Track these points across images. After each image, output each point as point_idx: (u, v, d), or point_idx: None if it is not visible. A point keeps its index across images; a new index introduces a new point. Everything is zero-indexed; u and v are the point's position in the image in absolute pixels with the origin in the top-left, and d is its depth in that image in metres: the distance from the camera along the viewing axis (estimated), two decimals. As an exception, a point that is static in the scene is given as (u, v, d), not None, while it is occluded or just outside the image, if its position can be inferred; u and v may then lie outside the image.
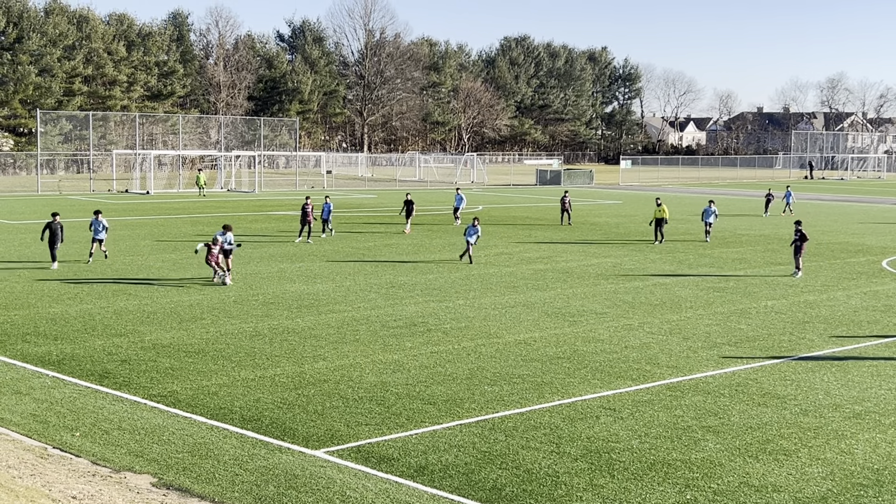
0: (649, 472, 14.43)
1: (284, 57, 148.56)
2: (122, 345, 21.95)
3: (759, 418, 17.18)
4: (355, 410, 17.19)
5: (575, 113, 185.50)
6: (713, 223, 45.81)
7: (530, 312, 26.74)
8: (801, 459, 15.07)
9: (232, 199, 70.50)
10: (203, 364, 20.35)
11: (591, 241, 44.66)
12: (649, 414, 17.31)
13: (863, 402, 18.39)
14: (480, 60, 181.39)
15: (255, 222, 51.51)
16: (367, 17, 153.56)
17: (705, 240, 45.21)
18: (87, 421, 16.37)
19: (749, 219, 59.05)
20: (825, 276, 34.81)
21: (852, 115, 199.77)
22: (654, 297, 29.50)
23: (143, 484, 13.54)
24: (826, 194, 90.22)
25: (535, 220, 55.14)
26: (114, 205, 62.80)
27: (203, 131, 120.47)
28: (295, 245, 40.75)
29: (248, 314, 25.77)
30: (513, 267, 35.57)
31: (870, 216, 63.98)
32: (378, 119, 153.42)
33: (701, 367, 20.90)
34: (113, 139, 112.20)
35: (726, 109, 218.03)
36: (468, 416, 16.96)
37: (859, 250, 43.04)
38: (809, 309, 28.08)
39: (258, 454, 14.88)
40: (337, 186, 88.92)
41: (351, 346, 22.26)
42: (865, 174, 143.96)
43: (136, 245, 40.36)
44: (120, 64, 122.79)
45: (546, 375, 19.89)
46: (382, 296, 28.92)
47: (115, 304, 26.93)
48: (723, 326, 25.30)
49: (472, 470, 14.38)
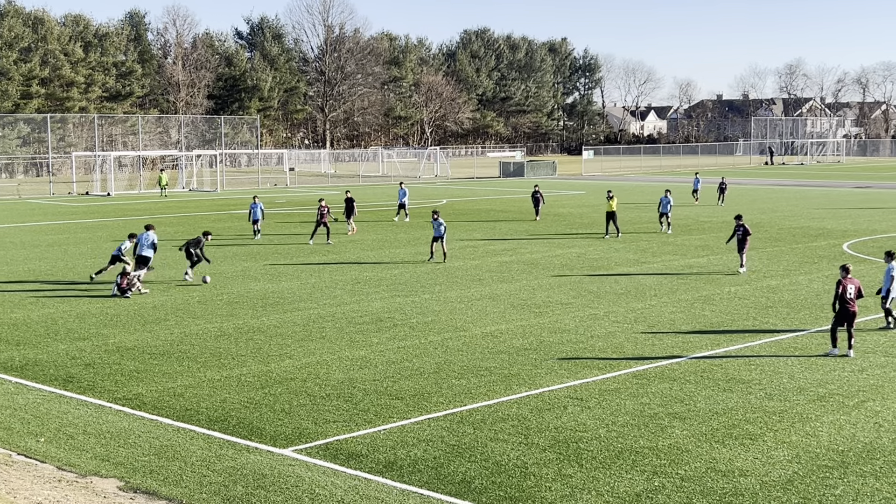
0: (617, 460, 14.50)
1: (243, 54, 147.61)
2: (86, 348, 21.76)
3: (724, 403, 17.32)
4: (323, 408, 17.15)
5: (536, 104, 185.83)
6: (670, 213, 45.17)
7: (496, 305, 26.79)
8: (767, 443, 15.20)
9: (194, 199, 70.05)
10: (168, 366, 20.22)
11: (556, 233, 44.77)
12: (616, 402, 17.40)
13: (826, 384, 18.58)
14: (441, 54, 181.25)
15: (217, 221, 51.21)
16: (326, 13, 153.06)
17: (666, 231, 44.37)
18: (51, 426, 16.22)
19: (711, 207, 59.45)
20: (787, 260, 35.12)
21: (811, 100, 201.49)
22: (618, 287, 29.63)
23: (109, 488, 13.43)
24: (786, 179, 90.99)
25: (500, 213, 55.21)
26: (74, 207, 62.23)
27: (163, 131, 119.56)
28: (310, 246, 39.87)
29: (212, 314, 25.62)
30: (478, 260, 35.60)
31: (830, 200, 64.62)
32: (340, 115, 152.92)
33: (666, 354, 21.02)
34: (72, 141, 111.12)
35: (686, 98, 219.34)
36: (436, 410, 16.97)
37: (820, 234, 43.46)
38: (772, 294, 28.32)
39: (226, 455, 14.80)
40: (300, 183, 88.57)
41: (317, 343, 22.20)
42: (825, 158, 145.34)
43: (98, 248, 40.00)
44: (77, 65, 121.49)
45: (513, 367, 19.93)
46: (348, 292, 28.85)
47: (78, 307, 26.69)
48: (687, 313, 25.47)
49: (440, 464, 14.39)
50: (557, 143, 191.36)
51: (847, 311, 20.85)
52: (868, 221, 49.26)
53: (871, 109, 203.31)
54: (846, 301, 20.81)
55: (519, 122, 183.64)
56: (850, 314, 20.87)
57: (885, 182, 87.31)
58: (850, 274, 21.18)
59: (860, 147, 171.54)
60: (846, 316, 20.89)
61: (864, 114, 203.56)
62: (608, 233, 43.11)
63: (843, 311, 20.86)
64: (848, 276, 21.08)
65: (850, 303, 20.82)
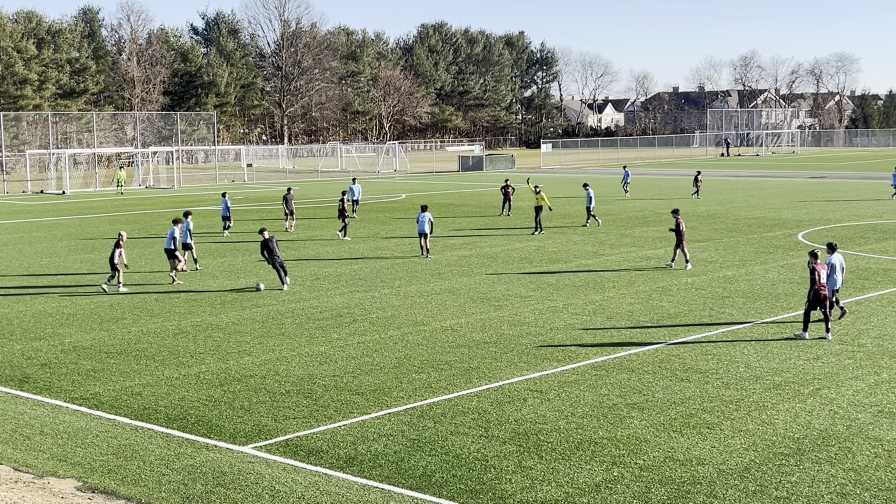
0: (577, 451, 14.59)
1: (199, 50, 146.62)
2: (42, 348, 21.54)
3: (682, 393, 17.47)
4: (282, 404, 17.10)
5: (495, 98, 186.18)
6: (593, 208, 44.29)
7: (456, 299, 26.82)
8: (724, 432, 15.36)
9: (150, 197, 69.49)
10: (126, 364, 20.06)
11: (515, 226, 44.88)
12: (575, 394, 17.49)
13: (782, 373, 18.80)
14: (398, 48, 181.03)
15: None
16: (282, 8, 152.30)
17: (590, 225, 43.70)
18: (7, 427, 16.05)
19: (668, 199, 59.85)
20: (743, 251, 35.45)
21: (765, 91, 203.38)
22: (577, 279, 29.77)
23: (67, 489, 13.32)
24: (742, 171, 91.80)
25: (459, 207, 55.25)
26: (29, 206, 61.50)
27: (119, 128, 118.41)
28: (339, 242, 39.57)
29: (170, 312, 25.45)
30: (437, 254, 35.62)
31: (785, 191, 65.29)
32: (297, 110, 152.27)
33: (625, 345, 21.17)
34: (26, 139, 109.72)
35: (643, 90, 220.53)
36: (396, 405, 16.97)
37: (776, 224, 43.91)
38: (728, 284, 28.59)
39: (185, 453, 14.72)
40: (258, 179, 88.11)
41: (276, 339, 22.12)
42: (780, 149, 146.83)
43: (53, 246, 39.59)
44: (30, 62, 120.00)
45: (473, 361, 19.98)
46: (307, 288, 28.77)
47: (34, 307, 26.40)
48: (645, 304, 25.65)
49: (401, 458, 14.40)
50: (516, 136, 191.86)
51: (820, 295, 21.36)
52: (822, 211, 49.84)
53: (824, 100, 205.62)
54: (822, 285, 21.35)
55: (477, 116, 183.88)
56: (822, 297, 21.40)
57: (840, 172, 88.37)
58: (819, 259, 21.66)
59: (814, 138, 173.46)
60: (819, 300, 21.40)
61: (818, 105, 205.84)
62: (537, 228, 41.36)
63: (817, 294, 21.35)
64: (817, 261, 21.58)
65: (822, 287, 21.35)
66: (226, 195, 44.85)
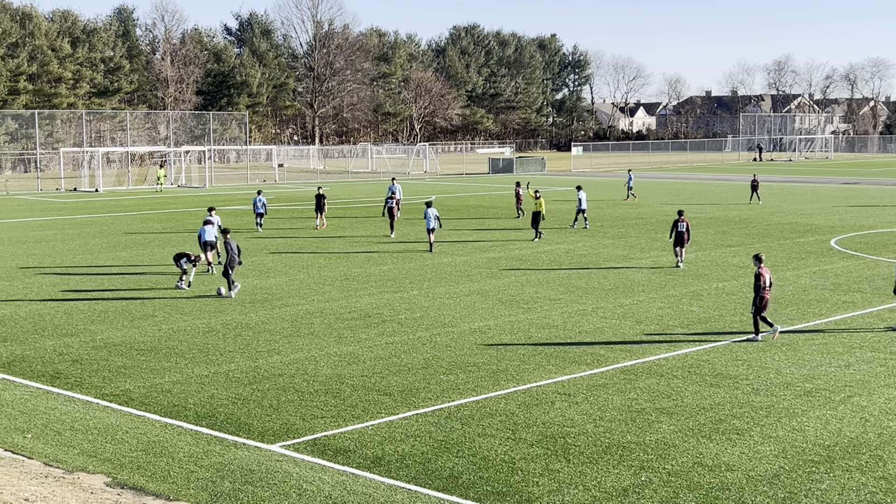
0: (604, 455, 14.53)
1: (232, 50, 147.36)
2: (73, 344, 21.72)
3: (711, 399, 17.37)
4: (311, 404, 17.15)
5: (526, 101, 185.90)
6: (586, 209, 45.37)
7: (485, 301, 26.81)
8: (754, 438, 15.26)
9: (183, 195, 69.90)
10: (156, 362, 20.19)
11: (544, 228, 44.75)
12: (604, 398, 17.43)
13: (813, 379, 18.65)
14: (430, 50, 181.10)
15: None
16: (314, 9, 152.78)
17: (577, 226, 44.89)
18: (38, 422, 16.19)
19: (699, 203, 59.55)
20: (775, 256, 35.20)
21: (799, 96, 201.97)
22: (606, 282, 29.67)
23: (96, 484, 13.41)
24: (775, 175, 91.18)
25: (489, 209, 55.22)
26: (62, 204, 62.04)
27: (152, 127, 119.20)
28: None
29: (200, 310, 25.59)
30: (467, 256, 35.62)
31: (818, 196, 64.79)
32: (329, 111, 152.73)
33: (654, 349, 21.07)
34: (60, 137, 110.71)
35: (675, 94, 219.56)
36: (424, 406, 16.98)
37: (808, 230, 43.58)
38: (760, 289, 28.35)
39: (213, 450, 14.79)
40: (289, 180, 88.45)
41: (305, 339, 22.19)
42: (813, 155, 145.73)
43: (85, 243, 39.91)
44: (65, 61, 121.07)
45: (501, 363, 19.96)
46: (336, 288, 28.84)
47: (66, 303, 26.63)
48: (675, 309, 25.53)
49: (428, 459, 14.40)
50: (547, 139, 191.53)
51: (764, 299, 21.73)
52: (856, 217, 49.41)
53: (859, 106, 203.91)
54: (765, 289, 21.64)
55: (508, 119, 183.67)
56: (766, 302, 21.79)
57: (873, 178, 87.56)
58: (763, 263, 22.03)
59: (848, 143, 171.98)
60: (763, 303, 21.74)
61: (852, 110, 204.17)
62: (537, 235, 40.39)
63: (762, 299, 21.69)
64: (762, 265, 21.90)
65: (766, 290, 21.68)
66: (260, 193, 45.14)
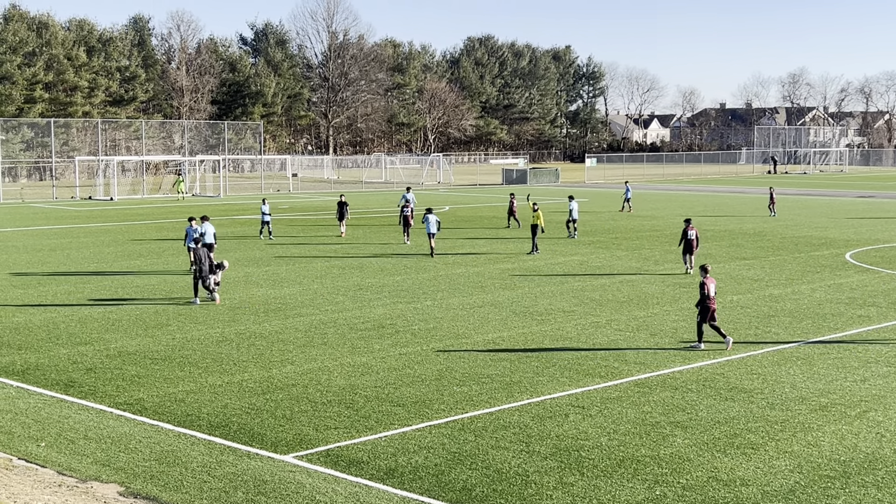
0: (618, 468, 14.47)
1: (247, 60, 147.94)
2: (88, 353, 21.75)
3: (726, 412, 17.28)
4: (324, 414, 17.12)
5: (540, 112, 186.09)
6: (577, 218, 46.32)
7: (498, 312, 26.76)
8: (769, 453, 15.16)
9: (197, 204, 70.08)
10: (169, 371, 20.20)
11: (558, 239, 44.73)
12: (618, 411, 17.36)
13: (828, 394, 18.54)
14: (444, 61, 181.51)
15: (219, 227, 51.17)
16: (330, 19, 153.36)
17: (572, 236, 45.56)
18: (52, 431, 16.20)
19: (713, 215, 59.40)
20: (790, 269, 35.08)
21: (814, 109, 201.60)
22: (620, 294, 29.60)
23: (110, 493, 13.41)
24: (790, 188, 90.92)
25: (503, 220, 55.15)
26: (77, 212, 62.27)
27: (167, 136, 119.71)
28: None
29: (214, 319, 25.61)
30: (480, 267, 35.58)
31: (833, 210, 64.57)
32: (343, 121, 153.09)
33: (668, 362, 20.99)
34: (75, 146, 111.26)
35: (689, 106, 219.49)
36: (437, 418, 16.94)
37: (823, 243, 43.41)
38: (774, 303, 28.28)
39: (226, 461, 14.78)
40: (303, 189, 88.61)
41: (319, 349, 22.18)
42: (828, 168, 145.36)
43: (100, 252, 40.03)
44: (81, 70, 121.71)
45: (515, 375, 19.90)
46: (350, 298, 28.83)
47: (80, 311, 26.68)
48: (689, 322, 25.41)
49: (441, 471, 14.36)
50: (560, 150, 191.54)
51: (709, 309, 21.97)
52: (871, 231, 49.21)
53: (874, 119, 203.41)
54: (709, 298, 21.89)
55: (522, 130, 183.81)
56: (712, 311, 22.02)
57: (889, 192, 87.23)
58: (709, 273, 22.47)
59: (863, 157, 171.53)
60: (709, 313, 21.98)
61: (867, 123, 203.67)
62: (534, 248, 39.49)
63: (706, 308, 21.96)
64: (707, 276, 22.31)
65: (711, 300, 21.93)
66: (265, 202, 45.59)
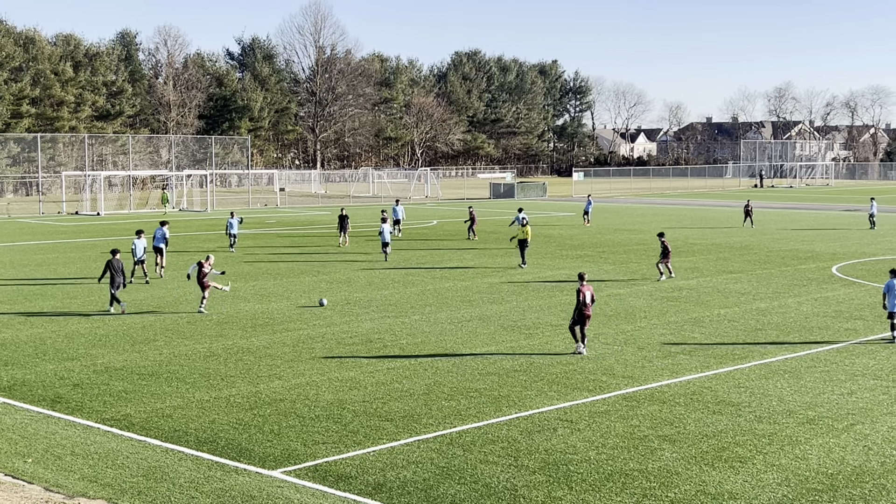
0: (607, 482, 14.47)
1: (234, 75, 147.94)
2: (74, 369, 21.67)
3: (714, 426, 17.31)
4: (312, 429, 17.09)
5: (527, 126, 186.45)
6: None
7: (486, 326, 26.77)
8: (757, 466, 15.20)
9: (184, 219, 69.96)
10: (157, 386, 20.14)
11: (545, 254, 44.78)
12: (606, 424, 17.38)
13: (816, 407, 18.59)
14: (432, 75, 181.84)
15: (207, 241, 51.13)
16: (317, 34, 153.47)
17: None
18: (39, 447, 16.13)
19: (700, 229, 59.57)
20: (776, 283, 35.19)
21: (800, 123, 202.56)
22: (608, 308, 29.64)
23: (97, 510, 13.35)
24: (776, 202, 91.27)
25: (490, 234, 55.21)
26: (64, 227, 62.08)
27: (154, 151, 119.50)
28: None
29: (201, 334, 25.55)
30: (468, 281, 35.60)
31: (819, 223, 64.83)
32: (331, 135, 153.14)
33: (656, 376, 21.03)
34: (62, 161, 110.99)
35: (676, 120, 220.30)
36: (426, 432, 16.92)
37: (809, 257, 43.57)
38: (761, 316, 28.37)
39: (214, 476, 14.74)
40: (291, 204, 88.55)
41: (307, 364, 22.15)
42: (814, 181, 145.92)
43: (87, 267, 39.89)
44: (67, 84, 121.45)
45: (503, 389, 19.91)
46: (338, 313, 28.81)
47: (67, 327, 26.60)
48: (677, 335, 25.49)
49: (430, 486, 14.34)
50: (548, 164, 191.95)
51: (584, 314, 22.99)
52: (857, 244, 49.42)
53: (859, 133, 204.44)
54: (584, 305, 22.85)
55: (509, 144, 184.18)
56: (586, 317, 23.07)
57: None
58: (585, 281, 23.44)
59: (849, 170, 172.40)
60: (583, 318, 23.04)
61: (852, 137, 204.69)
62: (524, 262, 39.55)
63: (582, 314, 22.86)
64: (584, 283, 23.23)
65: (587, 307, 22.93)
66: (233, 214, 47.00)
